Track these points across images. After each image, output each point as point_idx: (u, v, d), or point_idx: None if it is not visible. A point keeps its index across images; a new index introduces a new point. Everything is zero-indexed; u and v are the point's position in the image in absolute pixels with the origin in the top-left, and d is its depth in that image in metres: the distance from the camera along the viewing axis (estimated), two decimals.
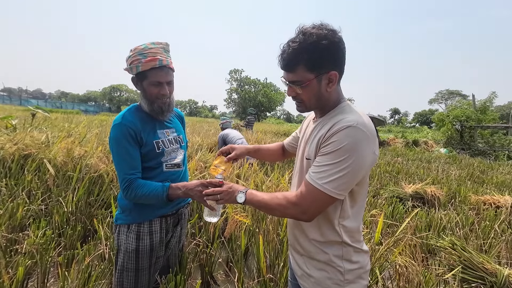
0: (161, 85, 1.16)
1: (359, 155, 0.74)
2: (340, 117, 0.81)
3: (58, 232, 2.02)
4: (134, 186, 1.11)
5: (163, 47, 1.18)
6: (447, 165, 6.21)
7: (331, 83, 0.83)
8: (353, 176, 0.76)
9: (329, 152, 0.77)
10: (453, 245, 1.76)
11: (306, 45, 0.78)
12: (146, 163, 1.19)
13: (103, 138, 3.75)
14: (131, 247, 1.19)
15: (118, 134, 1.12)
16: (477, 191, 3.83)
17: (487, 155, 9.35)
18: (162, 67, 1.14)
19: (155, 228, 1.24)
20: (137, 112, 1.21)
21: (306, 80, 0.81)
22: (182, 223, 1.39)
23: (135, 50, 1.14)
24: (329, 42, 0.78)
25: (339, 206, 0.83)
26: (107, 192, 2.53)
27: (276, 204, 0.84)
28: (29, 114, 4.86)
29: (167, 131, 1.29)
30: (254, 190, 0.94)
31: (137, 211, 1.21)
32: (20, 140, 2.94)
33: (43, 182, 2.52)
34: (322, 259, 0.86)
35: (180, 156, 1.32)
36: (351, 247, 0.85)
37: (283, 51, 0.82)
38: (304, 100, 0.87)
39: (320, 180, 0.76)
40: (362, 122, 0.77)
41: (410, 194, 3.42)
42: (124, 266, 1.20)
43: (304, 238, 0.91)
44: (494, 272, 1.54)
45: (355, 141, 0.74)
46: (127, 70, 1.18)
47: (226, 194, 0.95)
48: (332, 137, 0.77)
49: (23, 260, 1.47)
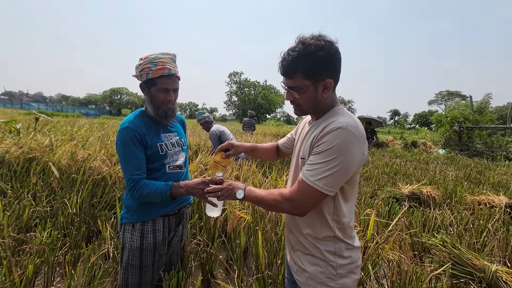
0: (168, 91, 1.25)
1: (348, 154, 0.80)
2: (332, 119, 0.87)
3: (63, 232, 2.08)
4: (139, 186, 1.18)
5: (171, 58, 1.27)
6: (445, 166, 6.26)
7: (327, 89, 0.89)
8: (343, 174, 0.82)
9: (321, 151, 0.83)
10: (443, 243, 1.83)
11: (304, 54, 0.83)
12: (150, 165, 1.26)
13: (105, 141, 3.81)
14: (136, 245, 1.25)
15: (124, 137, 1.19)
16: (473, 191, 3.88)
17: (485, 156, 9.40)
18: (170, 75, 1.23)
19: (158, 227, 1.30)
20: (142, 116, 1.28)
21: (303, 87, 0.88)
22: (183, 222, 1.45)
23: (146, 58, 1.22)
24: (326, 53, 0.84)
25: (332, 203, 0.89)
26: (110, 194, 2.59)
27: (272, 199, 0.90)
28: (31, 118, 4.94)
29: (170, 135, 1.36)
30: (253, 187, 1.00)
31: (141, 211, 1.27)
32: (25, 143, 3.01)
33: (47, 185, 2.58)
34: (315, 254, 0.92)
35: (182, 158, 1.39)
36: (343, 242, 0.91)
37: (283, 59, 0.89)
38: (301, 104, 0.93)
39: (312, 177, 0.82)
40: (352, 124, 0.83)
41: (407, 195, 3.48)
42: (129, 263, 1.26)
43: (298, 233, 0.97)
44: (483, 267, 1.60)
45: (344, 142, 0.80)
46: (136, 77, 1.26)
47: (226, 191, 1.00)
48: (324, 138, 0.83)
49: (32, 259, 1.53)
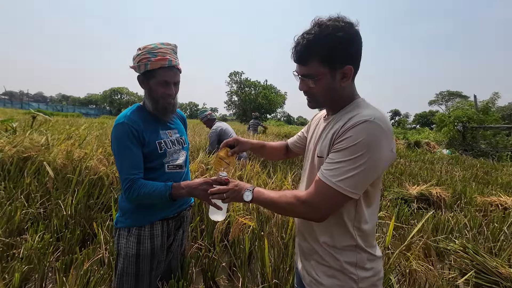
0: (168, 85, 1.15)
1: (376, 151, 0.70)
2: (355, 112, 0.77)
3: (56, 236, 1.97)
4: (136, 186, 1.07)
5: (172, 48, 1.17)
6: (450, 166, 6.14)
7: (345, 78, 0.79)
8: (369, 174, 0.71)
9: (344, 148, 0.72)
10: (464, 249, 1.71)
11: (321, 37, 0.74)
12: (148, 164, 1.16)
13: (103, 140, 3.71)
14: (132, 251, 1.16)
15: (120, 133, 1.09)
16: (483, 192, 3.77)
17: (490, 156, 9.27)
18: (171, 67, 1.13)
19: (156, 232, 1.20)
20: (140, 111, 1.18)
21: (319, 74, 0.78)
22: (184, 226, 1.35)
23: (144, 48, 1.12)
24: (345, 35, 0.74)
25: (353, 207, 0.78)
26: (107, 195, 2.48)
27: (285, 202, 0.80)
28: (30, 117, 4.84)
29: (169, 132, 1.26)
30: (261, 188, 0.89)
31: (138, 214, 1.17)
32: (20, 142, 2.90)
33: (42, 185, 2.48)
34: (333, 265, 0.81)
35: (182, 157, 1.29)
36: (365, 252, 0.80)
37: (297, 43, 0.79)
38: (316, 95, 0.83)
39: (333, 178, 0.71)
40: (379, 117, 0.72)
41: (415, 196, 3.37)
42: (124, 271, 1.16)
43: (313, 240, 0.86)
44: (509, 276, 1.48)
45: (371, 137, 0.69)
46: (133, 68, 1.16)
47: (232, 192, 0.91)
48: (347, 133, 0.73)
49: (19, 266, 1.42)
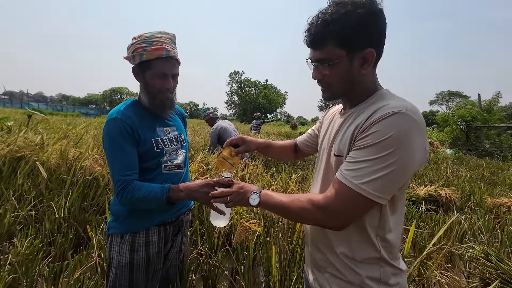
0: (166, 77, 1.04)
1: (408, 148, 0.59)
2: (381, 103, 0.66)
3: (48, 240, 1.85)
4: (129, 189, 0.96)
5: (170, 38, 1.06)
6: (456, 166, 6.02)
7: (366, 63, 0.68)
8: (399, 175, 0.60)
9: (369, 144, 0.61)
10: (486, 255, 1.59)
11: (338, 15, 0.64)
12: (144, 164, 1.05)
13: (100, 139, 3.60)
14: (125, 260, 1.05)
15: (112, 130, 0.98)
16: (492, 193, 3.65)
17: (495, 156, 9.15)
18: (168, 58, 1.02)
19: (152, 238, 1.09)
20: (135, 106, 1.07)
21: (335, 58, 0.67)
22: (183, 231, 1.24)
23: (140, 37, 1.01)
24: (367, 12, 0.63)
25: (377, 214, 0.67)
26: (103, 196, 2.37)
27: (298, 207, 0.69)
28: (25, 116, 4.74)
29: (167, 129, 1.15)
30: (269, 190, 0.78)
31: (132, 219, 1.06)
32: (13, 141, 2.79)
33: (35, 186, 2.37)
34: (352, 280, 0.70)
35: (181, 156, 1.17)
36: (390, 266, 0.69)
37: (311, 24, 0.68)
38: (331, 83, 0.72)
39: (357, 180, 0.61)
40: (411, 109, 0.61)
41: (423, 197, 3.25)
42: (117, 282, 1.05)
43: (329, 251, 0.75)
44: None
45: (403, 132, 0.59)
46: (127, 59, 1.05)
47: (236, 196, 0.80)
48: (373, 127, 0.62)
49: (3, 275, 1.31)
